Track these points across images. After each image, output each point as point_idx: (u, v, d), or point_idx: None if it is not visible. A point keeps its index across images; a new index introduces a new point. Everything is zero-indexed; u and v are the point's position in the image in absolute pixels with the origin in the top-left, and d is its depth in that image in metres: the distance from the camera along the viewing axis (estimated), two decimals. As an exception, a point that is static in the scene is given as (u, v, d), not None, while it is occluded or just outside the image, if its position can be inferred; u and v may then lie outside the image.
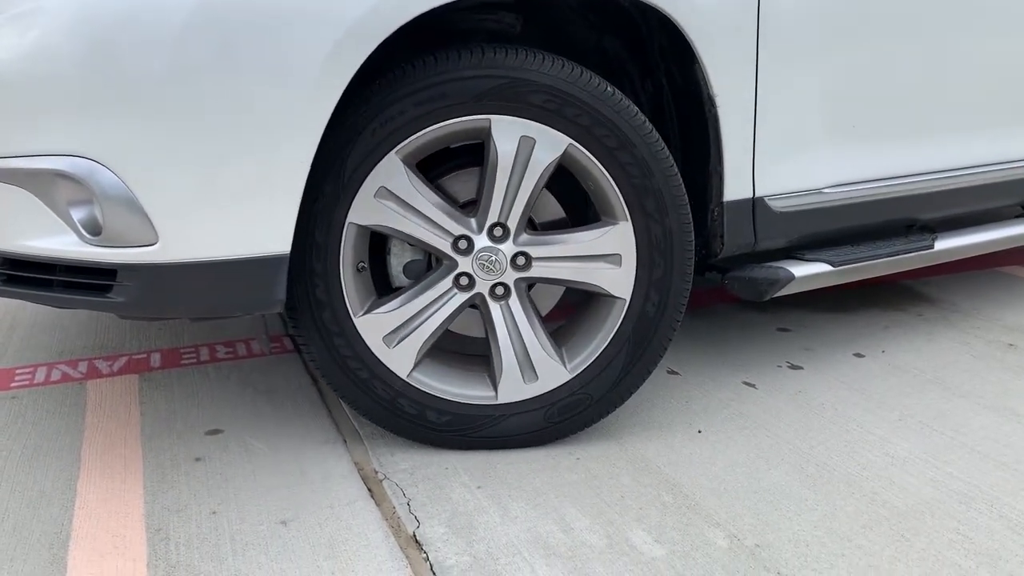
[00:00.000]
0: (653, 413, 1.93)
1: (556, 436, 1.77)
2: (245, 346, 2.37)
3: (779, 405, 1.97)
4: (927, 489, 1.61)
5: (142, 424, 1.91)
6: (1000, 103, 2.23)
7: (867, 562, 1.40)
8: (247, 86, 1.39)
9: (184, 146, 1.39)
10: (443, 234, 1.65)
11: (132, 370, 2.21)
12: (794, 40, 1.81)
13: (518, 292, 1.70)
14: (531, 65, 1.57)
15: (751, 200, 1.84)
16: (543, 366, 1.72)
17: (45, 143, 1.40)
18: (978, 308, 2.58)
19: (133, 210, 1.40)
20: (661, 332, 1.72)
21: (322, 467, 1.71)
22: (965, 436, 1.81)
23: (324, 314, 1.64)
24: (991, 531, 1.48)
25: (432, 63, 1.56)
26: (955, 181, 2.17)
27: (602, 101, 1.60)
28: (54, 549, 1.46)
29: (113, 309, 1.49)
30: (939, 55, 2.07)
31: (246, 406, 1.99)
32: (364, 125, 1.55)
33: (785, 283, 1.91)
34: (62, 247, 1.45)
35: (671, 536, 1.47)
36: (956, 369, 2.15)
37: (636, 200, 1.66)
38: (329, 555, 1.43)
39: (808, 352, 2.27)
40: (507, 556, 1.43)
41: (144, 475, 1.69)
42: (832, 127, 1.94)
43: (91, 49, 1.36)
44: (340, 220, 1.60)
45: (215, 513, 1.56)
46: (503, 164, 1.62)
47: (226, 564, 1.41)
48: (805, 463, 1.71)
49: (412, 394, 1.70)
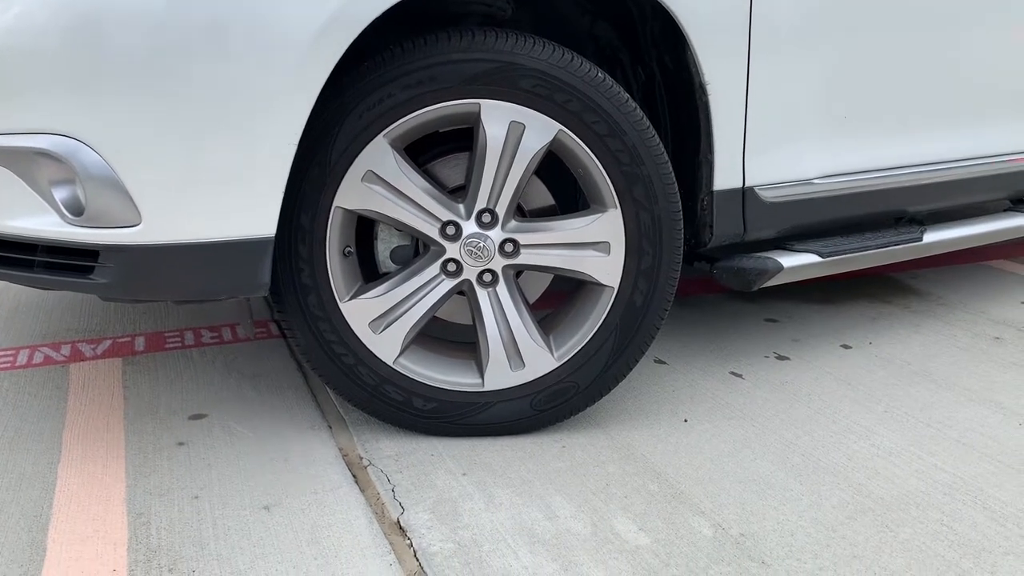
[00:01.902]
0: (640, 402, 1.93)
1: (542, 424, 1.77)
2: (230, 330, 2.35)
3: (766, 395, 1.97)
4: (912, 480, 1.61)
5: (125, 408, 1.89)
6: (990, 97, 2.23)
7: (851, 552, 1.40)
8: (233, 66, 1.37)
9: (168, 126, 1.37)
10: (431, 219, 1.63)
11: (116, 353, 2.20)
12: (786, 29, 1.80)
13: (506, 279, 1.69)
14: (521, 49, 1.56)
15: (741, 190, 1.84)
16: (530, 354, 1.71)
17: (27, 121, 1.38)
18: (965, 301, 2.59)
19: (116, 190, 1.38)
20: (649, 321, 1.72)
21: (306, 453, 1.70)
22: (951, 428, 1.82)
23: (310, 299, 1.62)
24: (975, 522, 1.48)
25: (421, 46, 1.54)
26: (944, 174, 2.17)
27: (593, 87, 1.59)
28: (33, 532, 1.44)
29: (95, 290, 1.47)
30: (930, 48, 2.07)
31: (230, 391, 1.98)
32: (352, 108, 1.54)
33: (774, 273, 1.91)
34: (43, 227, 1.43)
35: (656, 525, 1.47)
36: (942, 361, 2.16)
37: (626, 188, 1.65)
38: (312, 540, 1.42)
39: (795, 343, 2.28)
40: (491, 543, 1.42)
41: (126, 459, 1.67)
42: (823, 118, 1.93)
43: (75, 26, 1.34)
44: (327, 204, 1.58)
45: (197, 498, 1.54)
46: (492, 149, 1.60)
47: (208, 548, 1.40)
48: (791, 453, 1.71)
49: (398, 380, 1.69)
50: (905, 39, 2.02)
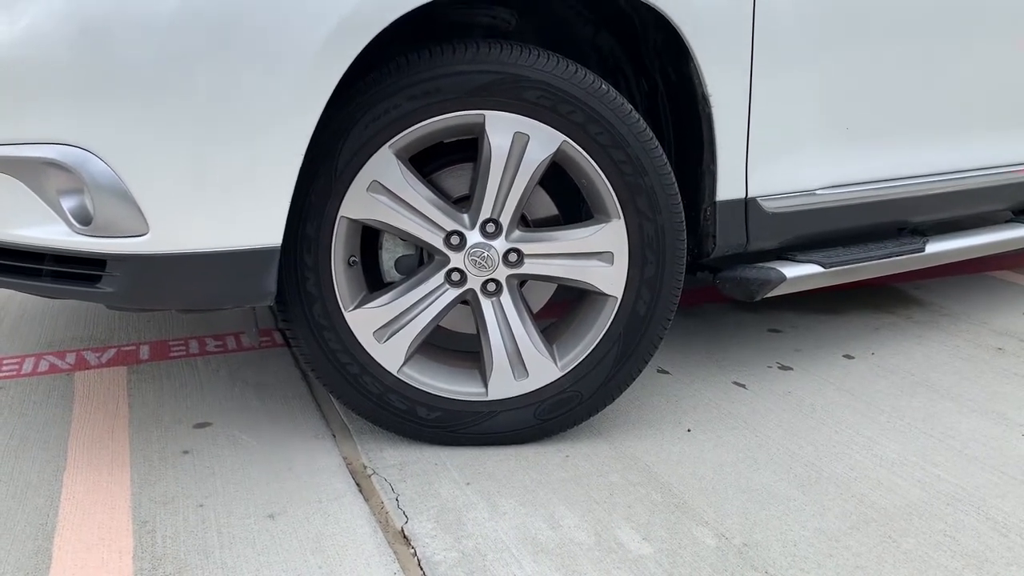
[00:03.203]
0: (643, 412, 1.93)
1: (546, 433, 1.77)
2: (235, 339, 2.36)
3: (768, 405, 1.97)
4: (915, 491, 1.61)
5: (130, 416, 1.90)
6: (993, 108, 2.24)
7: (855, 563, 1.40)
8: (240, 77, 1.38)
9: (176, 136, 1.38)
10: (435, 229, 1.64)
11: (121, 362, 2.20)
12: (789, 41, 1.81)
13: (510, 289, 1.70)
14: (526, 61, 1.57)
15: (744, 200, 1.84)
16: (534, 363, 1.72)
17: (36, 131, 1.39)
18: (967, 312, 2.59)
19: (124, 200, 1.39)
20: (652, 331, 1.72)
21: (311, 461, 1.70)
22: (953, 439, 1.82)
23: (315, 308, 1.63)
24: (978, 533, 1.48)
25: (426, 57, 1.55)
26: (946, 185, 2.18)
27: (596, 99, 1.60)
28: (39, 540, 1.45)
29: (102, 299, 1.48)
30: (933, 60, 2.08)
31: (235, 400, 1.98)
32: (357, 118, 1.55)
33: (776, 284, 1.91)
34: (51, 236, 1.44)
35: (659, 534, 1.47)
36: (945, 372, 2.16)
37: (629, 198, 1.65)
38: (316, 549, 1.42)
39: (798, 353, 2.28)
40: (495, 552, 1.42)
41: (131, 467, 1.68)
42: (825, 129, 1.94)
43: (83, 36, 1.35)
44: (332, 214, 1.59)
45: (202, 506, 1.55)
46: (496, 160, 1.61)
47: (212, 557, 1.40)
48: (794, 463, 1.71)
49: (402, 389, 1.70)
50: (907, 50, 2.03)
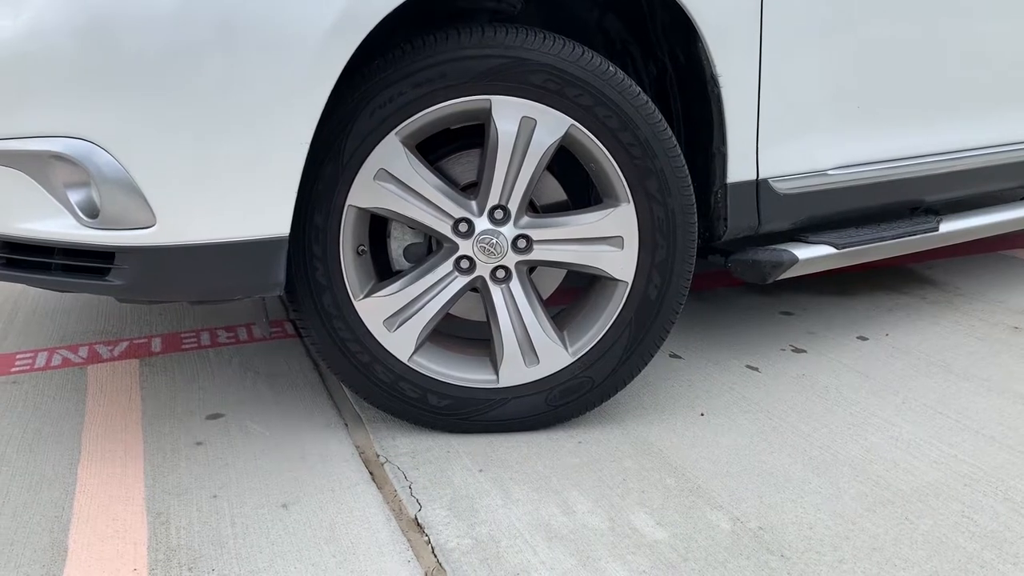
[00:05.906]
0: (655, 396, 1.92)
1: (558, 419, 1.76)
2: (246, 330, 2.36)
3: (782, 388, 1.96)
4: (932, 472, 1.60)
5: (143, 408, 1.90)
6: (1006, 85, 2.21)
7: (871, 544, 1.39)
8: (245, 67, 1.37)
9: (182, 127, 1.37)
10: (443, 217, 1.63)
11: (133, 355, 2.21)
12: (798, 19, 1.79)
13: (519, 275, 1.69)
14: (531, 44, 1.55)
15: (755, 182, 1.82)
16: (544, 349, 1.71)
17: (42, 124, 1.39)
18: (982, 291, 2.57)
19: (131, 192, 1.39)
20: (663, 315, 1.71)
21: (323, 451, 1.70)
22: (970, 419, 1.80)
23: (324, 297, 1.63)
24: (996, 513, 1.47)
25: (432, 43, 1.54)
26: (959, 163, 2.15)
27: (604, 81, 1.59)
28: (54, 533, 1.45)
29: (111, 292, 1.48)
30: (944, 37, 2.05)
31: (247, 390, 1.99)
32: (363, 106, 1.54)
33: (789, 266, 1.90)
34: (59, 230, 1.44)
35: (673, 519, 1.47)
36: (960, 352, 2.14)
37: (638, 181, 1.64)
38: (330, 538, 1.43)
39: (811, 335, 2.26)
40: (509, 539, 1.42)
41: (145, 459, 1.68)
42: (837, 108, 1.92)
43: (87, 29, 1.34)
44: (340, 202, 1.58)
45: (216, 497, 1.55)
46: (504, 145, 1.60)
47: (227, 547, 1.41)
48: (809, 446, 1.70)
49: (413, 377, 1.70)
50: (919, 27, 2.00)
